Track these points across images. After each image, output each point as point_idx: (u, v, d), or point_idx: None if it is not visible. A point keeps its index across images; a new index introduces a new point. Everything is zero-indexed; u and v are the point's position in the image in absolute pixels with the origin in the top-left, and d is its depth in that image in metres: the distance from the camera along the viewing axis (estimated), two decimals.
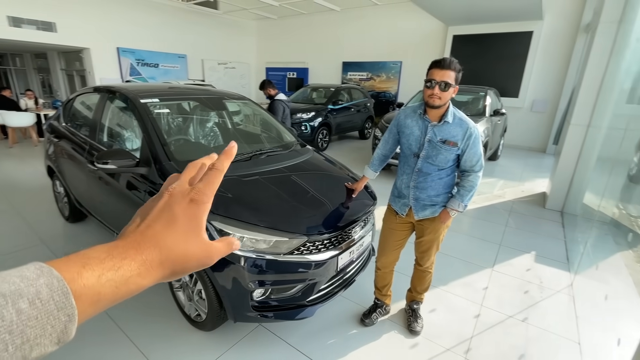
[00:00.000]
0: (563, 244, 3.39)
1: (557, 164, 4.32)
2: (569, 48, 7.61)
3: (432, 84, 1.59)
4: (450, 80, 1.57)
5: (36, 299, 0.24)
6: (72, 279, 0.26)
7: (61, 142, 3.00)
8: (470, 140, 1.66)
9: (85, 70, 9.63)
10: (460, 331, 2.12)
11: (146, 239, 0.32)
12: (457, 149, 1.68)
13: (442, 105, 1.63)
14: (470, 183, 1.70)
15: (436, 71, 1.58)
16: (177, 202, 0.35)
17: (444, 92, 1.58)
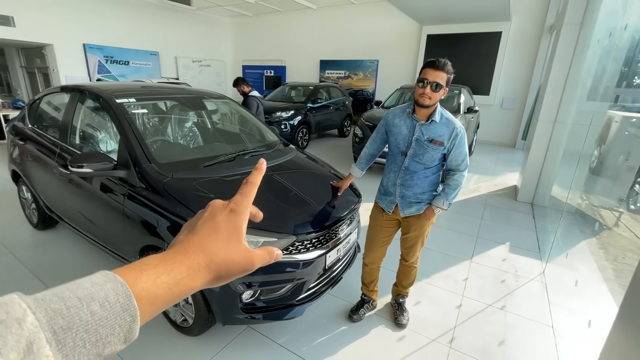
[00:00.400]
0: (534, 234, 3.59)
1: (526, 159, 4.56)
2: (534, 48, 8.02)
3: (425, 83, 1.62)
4: (442, 81, 1.60)
5: (105, 302, 0.27)
6: (133, 283, 0.30)
7: (27, 145, 2.82)
8: (457, 140, 1.71)
9: (49, 68, 9.07)
10: (444, 322, 2.21)
11: (192, 245, 0.36)
12: (444, 148, 1.73)
13: (432, 105, 1.67)
14: (455, 182, 1.76)
15: (429, 71, 1.61)
16: (218, 212, 0.39)
17: (434, 93, 1.62)
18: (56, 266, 2.67)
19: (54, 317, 0.24)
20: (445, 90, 1.67)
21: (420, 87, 1.65)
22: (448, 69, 1.63)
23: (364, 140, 5.39)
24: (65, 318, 0.24)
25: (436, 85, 1.62)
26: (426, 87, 1.63)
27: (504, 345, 2.03)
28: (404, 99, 6.61)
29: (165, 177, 1.90)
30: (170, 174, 1.93)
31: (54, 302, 0.25)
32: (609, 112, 3.81)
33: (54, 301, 0.25)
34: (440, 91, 1.64)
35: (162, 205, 1.80)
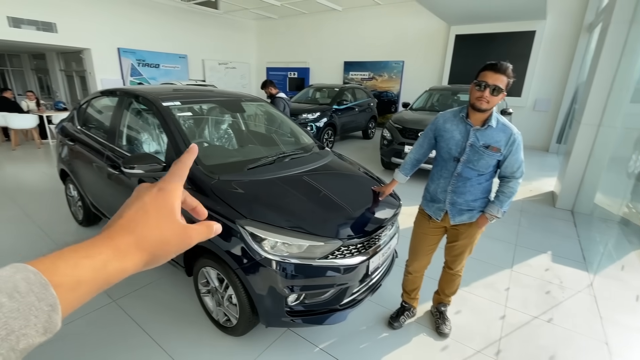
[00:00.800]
0: (577, 244, 3.41)
1: (566, 164, 4.34)
2: (571, 47, 7.66)
3: (483, 86, 1.56)
4: (502, 85, 1.54)
5: (15, 292, 0.25)
6: (47, 269, 0.28)
7: (76, 146, 2.96)
8: (514, 146, 1.65)
9: (86, 71, 9.53)
10: (487, 333, 2.13)
11: (118, 227, 0.35)
12: (500, 155, 1.66)
13: (489, 109, 1.61)
14: (510, 189, 1.70)
15: (489, 74, 1.55)
16: (145, 193, 0.38)
17: (493, 97, 1.56)
18: None
19: None
20: (503, 95, 1.60)
21: (478, 90, 1.59)
22: (509, 73, 1.56)
23: (393, 142, 5.32)
24: None
25: (495, 88, 1.55)
26: (485, 91, 1.57)
27: None
28: (432, 101, 6.48)
29: (212, 179, 1.94)
30: (216, 176, 1.97)
31: None
32: None
33: None
34: (499, 95, 1.58)
35: (210, 207, 1.83)
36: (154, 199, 0.38)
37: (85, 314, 2.16)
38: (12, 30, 7.59)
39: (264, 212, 1.79)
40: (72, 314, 1.56)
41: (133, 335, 2.01)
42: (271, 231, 1.71)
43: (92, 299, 2.09)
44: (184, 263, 2.10)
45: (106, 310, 2.21)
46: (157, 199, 0.38)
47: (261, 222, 1.72)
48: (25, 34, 7.79)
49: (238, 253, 1.72)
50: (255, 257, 1.69)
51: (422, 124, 5.15)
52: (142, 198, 0.37)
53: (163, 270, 2.63)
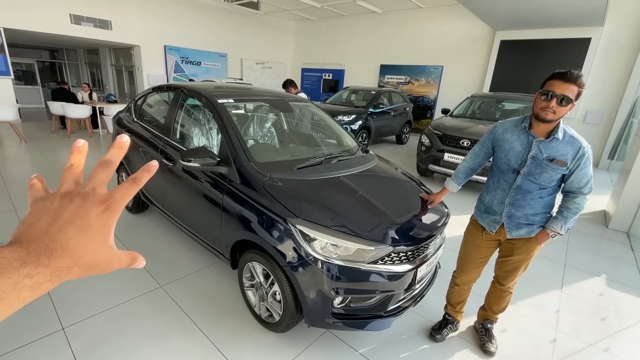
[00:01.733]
0: (636, 269, 3.16)
1: (623, 183, 4.03)
2: (631, 56, 7.11)
3: (550, 96, 1.47)
4: (571, 95, 1.45)
5: None
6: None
7: (132, 137, 3.14)
8: (582, 160, 1.54)
9: (134, 67, 10.11)
10: (537, 356, 2.01)
11: (58, 245, 0.32)
12: (566, 169, 1.56)
13: (555, 120, 1.52)
14: (576, 205, 1.59)
15: (558, 83, 1.46)
16: (92, 209, 0.34)
17: (560, 107, 1.46)
18: (147, 247, 2.92)
19: None
20: (573, 105, 1.49)
21: (544, 99, 1.50)
22: (580, 82, 1.46)
23: (431, 149, 5.19)
24: None
25: (564, 98, 1.46)
26: (551, 101, 1.47)
27: None
28: (473, 108, 6.25)
29: (264, 176, 1.98)
30: (268, 173, 2.01)
31: None
32: None
33: None
34: (568, 106, 1.48)
35: (262, 203, 1.87)
36: (99, 218, 0.34)
37: (134, 297, 2.27)
38: (73, 26, 8.20)
39: (314, 212, 1.81)
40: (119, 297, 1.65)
41: (178, 321, 2.09)
42: (321, 231, 1.71)
43: (140, 283, 2.18)
44: (230, 256, 2.16)
45: (153, 295, 2.32)
46: (102, 219, 0.35)
47: (312, 222, 1.74)
48: (84, 30, 8.40)
49: (287, 251, 1.74)
50: (304, 256, 1.70)
51: (464, 131, 4.98)
52: (87, 214, 0.34)
53: (208, 260, 2.72)
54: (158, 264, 2.66)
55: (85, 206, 0.34)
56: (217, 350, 1.90)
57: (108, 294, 2.26)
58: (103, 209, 0.35)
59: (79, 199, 0.35)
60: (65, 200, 0.35)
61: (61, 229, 0.33)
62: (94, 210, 0.34)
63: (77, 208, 0.34)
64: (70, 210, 0.34)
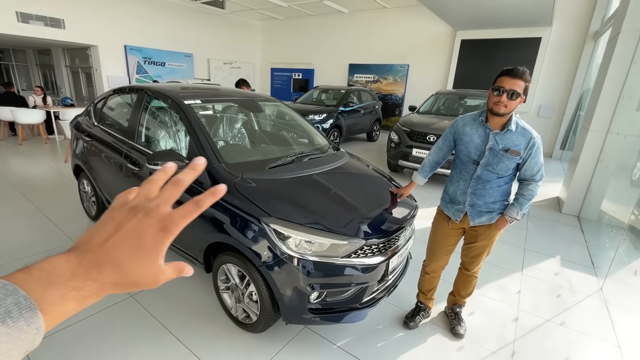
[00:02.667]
0: (585, 249, 3.45)
1: (573, 170, 4.39)
2: (576, 54, 7.73)
3: (500, 91, 1.59)
4: (519, 89, 1.57)
5: (7, 318, 0.25)
6: (38, 297, 0.28)
7: (92, 141, 2.98)
8: (533, 149, 1.68)
9: (92, 68, 9.55)
10: (502, 335, 2.16)
11: (109, 260, 0.32)
12: (519, 158, 1.70)
13: (507, 113, 1.64)
14: (530, 192, 1.73)
15: (506, 79, 1.58)
16: (150, 227, 0.34)
17: (510, 101, 1.58)
18: None
19: None
20: (522, 99, 1.62)
21: (496, 95, 1.62)
22: (526, 77, 1.59)
23: (400, 145, 5.36)
24: None
25: (513, 93, 1.58)
26: (502, 95, 1.60)
27: None
28: (438, 105, 6.53)
29: (235, 177, 1.97)
30: (239, 174, 2.00)
31: None
32: None
33: None
34: (517, 99, 1.60)
35: (235, 204, 1.86)
36: (154, 238, 0.34)
37: (104, 308, 2.17)
38: (20, 25, 7.61)
39: (287, 210, 1.82)
40: (91, 309, 1.59)
41: (152, 329, 2.03)
42: (295, 229, 1.74)
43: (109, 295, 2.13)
44: (203, 260, 2.13)
45: (124, 304, 2.23)
46: (157, 239, 0.34)
47: (286, 220, 1.75)
48: (33, 29, 7.81)
49: (262, 250, 1.74)
50: (279, 255, 1.71)
51: (431, 127, 5.19)
52: (141, 234, 0.33)
53: None
54: None
55: (145, 223, 0.34)
56: (194, 356, 1.86)
57: None
58: (159, 228, 0.34)
59: (142, 215, 0.34)
60: (130, 214, 0.34)
61: (117, 243, 0.33)
62: (151, 228, 0.34)
63: (138, 224, 0.34)
64: (131, 224, 0.34)
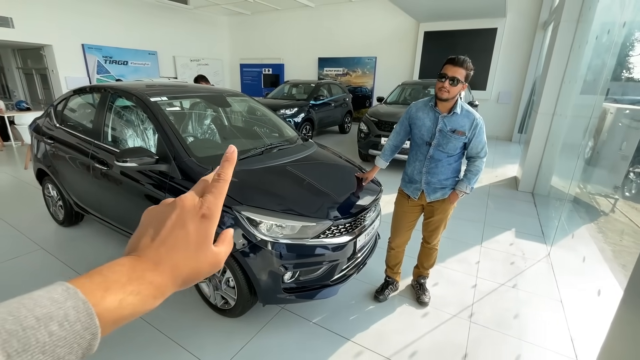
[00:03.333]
0: (537, 221, 3.80)
1: (526, 151, 4.76)
2: (529, 43, 8.25)
3: (444, 77, 1.77)
4: (460, 77, 1.75)
5: (65, 321, 0.25)
6: (96, 302, 0.28)
7: (55, 144, 2.92)
8: (477, 129, 1.88)
9: (47, 69, 9.04)
10: (462, 300, 2.39)
11: (163, 260, 0.33)
12: (465, 138, 1.89)
13: (451, 98, 1.82)
14: (476, 167, 1.94)
15: (449, 67, 1.76)
16: (190, 218, 0.35)
17: (452, 87, 1.77)
18: (89, 259, 2.77)
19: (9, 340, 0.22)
20: (464, 86, 1.81)
21: (440, 81, 1.80)
22: (467, 66, 1.77)
23: (369, 135, 5.55)
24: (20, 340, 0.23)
25: (455, 79, 1.76)
26: (445, 82, 1.78)
27: (519, 319, 2.22)
28: (404, 95, 6.79)
29: (205, 169, 2.04)
30: (209, 166, 2.07)
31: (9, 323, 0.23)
32: (604, 104, 4.03)
33: (9, 321, 0.23)
34: (459, 85, 1.79)
35: None
36: (198, 228, 0.35)
37: None
38: None
39: (258, 197, 1.92)
40: None
41: (131, 323, 2.07)
42: (266, 214, 1.84)
43: None
44: None
45: None
46: (201, 228, 0.35)
47: (257, 207, 1.85)
48: None
49: (236, 238, 1.83)
50: (252, 240, 1.81)
51: (397, 116, 5.41)
52: (185, 225, 0.34)
53: None
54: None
55: (183, 216, 0.35)
56: (176, 344, 1.94)
57: None
58: (200, 217, 0.35)
59: (179, 209, 0.35)
60: (168, 209, 0.35)
61: (164, 240, 0.33)
62: (192, 221, 0.35)
63: (177, 218, 0.34)
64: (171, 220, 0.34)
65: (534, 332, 2.10)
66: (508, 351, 1.96)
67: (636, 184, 3.73)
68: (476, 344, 2.00)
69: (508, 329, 2.12)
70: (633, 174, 3.72)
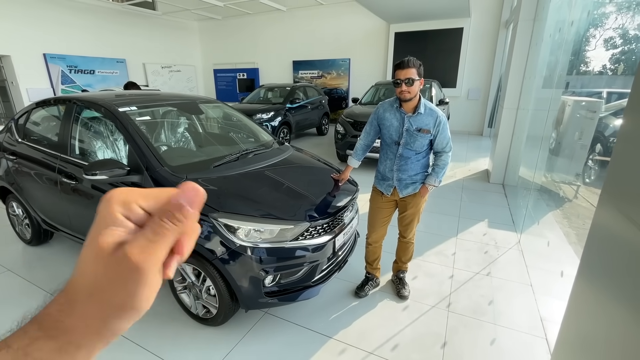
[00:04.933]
0: (508, 211, 3.99)
1: (495, 144, 4.99)
2: (493, 41, 8.64)
3: (399, 83, 1.87)
4: (413, 76, 1.86)
5: None
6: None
7: (18, 160, 2.79)
8: (440, 126, 1.98)
9: (6, 81, 8.56)
10: (440, 291, 2.48)
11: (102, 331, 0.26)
12: (430, 135, 1.99)
13: (413, 97, 1.92)
14: (442, 162, 2.03)
15: (399, 72, 1.87)
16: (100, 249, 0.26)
17: (411, 87, 1.87)
18: (59, 277, 2.66)
19: None
20: (421, 81, 1.91)
21: (397, 87, 1.90)
22: (414, 64, 1.87)
23: (346, 136, 5.63)
24: None
25: (409, 80, 1.86)
26: (401, 85, 1.88)
27: (493, 304, 2.33)
28: (379, 95, 6.93)
29: (179, 178, 2.02)
30: (184, 175, 2.05)
31: None
32: (563, 97, 4.30)
33: None
34: (416, 83, 1.88)
35: None
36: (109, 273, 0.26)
37: None
38: None
39: (234, 203, 1.92)
40: None
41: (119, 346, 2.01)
42: (244, 220, 1.85)
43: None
44: None
45: None
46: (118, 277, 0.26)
47: (234, 213, 1.85)
48: None
49: (214, 245, 1.83)
50: (231, 246, 1.81)
51: None
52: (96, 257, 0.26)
53: None
54: None
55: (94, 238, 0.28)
56: (157, 358, 1.90)
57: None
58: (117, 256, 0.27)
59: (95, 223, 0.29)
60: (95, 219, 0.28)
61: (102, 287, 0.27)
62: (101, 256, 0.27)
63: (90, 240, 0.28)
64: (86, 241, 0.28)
65: (507, 316, 2.22)
66: (484, 336, 2.06)
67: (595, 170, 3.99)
68: (454, 332, 2.08)
69: (483, 315, 2.22)
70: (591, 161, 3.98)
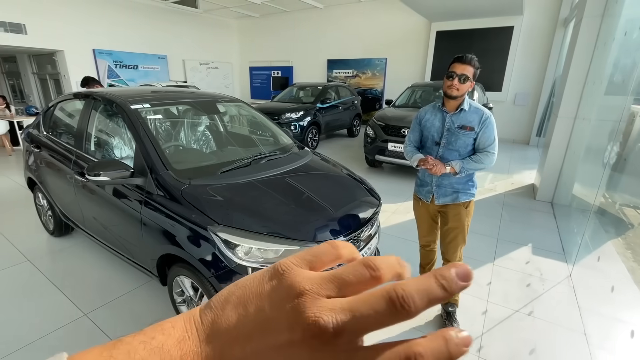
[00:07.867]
0: (557, 235, 3.47)
1: (545, 156, 4.42)
2: (548, 42, 7.81)
3: (453, 76, 1.72)
4: (469, 74, 1.71)
5: None
6: None
7: (43, 152, 2.82)
8: (485, 124, 1.79)
9: (60, 74, 9.19)
10: (470, 330, 2.12)
11: None
12: (474, 133, 1.81)
13: (459, 96, 1.76)
14: (480, 158, 1.81)
15: (457, 65, 1.73)
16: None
17: (462, 85, 1.73)
18: (73, 273, 2.65)
19: None
20: (472, 84, 1.76)
21: (449, 79, 1.75)
22: (474, 64, 1.74)
23: (376, 140, 5.30)
24: None
25: (463, 77, 1.72)
26: (454, 80, 1.74)
27: (535, 354, 1.94)
28: (414, 97, 6.50)
29: (182, 184, 1.86)
30: (187, 180, 1.89)
31: None
32: (633, 106, 3.67)
33: None
34: (467, 83, 1.74)
35: (180, 213, 1.76)
36: None
37: (55, 329, 2.05)
38: None
39: (237, 217, 1.73)
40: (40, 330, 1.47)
41: None
42: (245, 237, 1.65)
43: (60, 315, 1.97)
44: (158, 272, 2.02)
45: (76, 325, 2.10)
46: None
47: (235, 227, 1.66)
48: None
49: (211, 261, 1.65)
50: (228, 265, 1.62)
51: (405, 120, 5.15)
52: None
53: (138, 280, 2.53)
54: (85, 291, 2.43)
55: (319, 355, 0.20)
56: None
57: (17, 330, 2.01)
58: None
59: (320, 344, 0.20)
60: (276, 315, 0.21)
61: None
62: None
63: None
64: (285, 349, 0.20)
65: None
66: None
67: None
68: None
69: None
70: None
